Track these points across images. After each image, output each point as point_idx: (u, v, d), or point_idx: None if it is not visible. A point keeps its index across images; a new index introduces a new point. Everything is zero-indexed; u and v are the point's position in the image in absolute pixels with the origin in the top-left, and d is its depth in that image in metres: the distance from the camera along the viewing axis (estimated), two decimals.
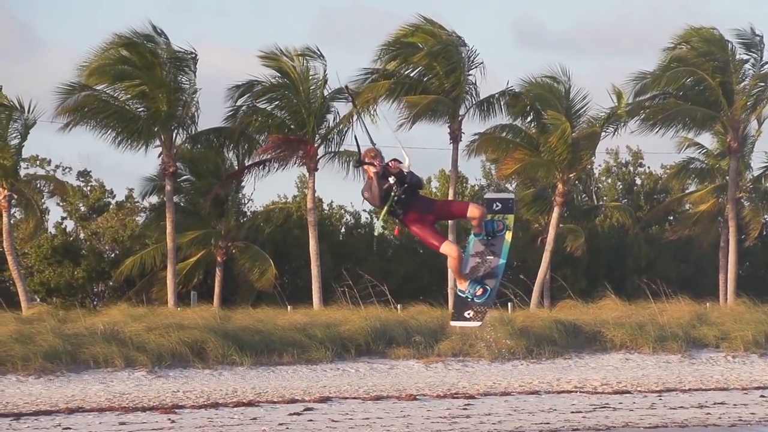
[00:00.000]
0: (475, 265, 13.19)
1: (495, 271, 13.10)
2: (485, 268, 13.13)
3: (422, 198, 12.95)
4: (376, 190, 12.70)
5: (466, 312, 13.12)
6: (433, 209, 12.91)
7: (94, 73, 41.55)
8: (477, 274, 13.15)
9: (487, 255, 13.14)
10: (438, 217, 12.98)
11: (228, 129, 44.60)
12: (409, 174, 12.75)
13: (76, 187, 51.58)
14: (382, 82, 44.22)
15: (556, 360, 33.88)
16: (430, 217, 12.90)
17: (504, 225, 13.07)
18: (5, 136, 41.25)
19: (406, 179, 12.72)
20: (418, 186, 12.85)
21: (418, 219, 12.88)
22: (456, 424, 24.09)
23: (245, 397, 27.04)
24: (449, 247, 12.83)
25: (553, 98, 45.99)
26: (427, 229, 12.89)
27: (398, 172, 12.63)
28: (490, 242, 13.15)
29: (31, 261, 48.41)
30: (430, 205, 12.95)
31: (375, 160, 12.80)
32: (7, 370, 29.06)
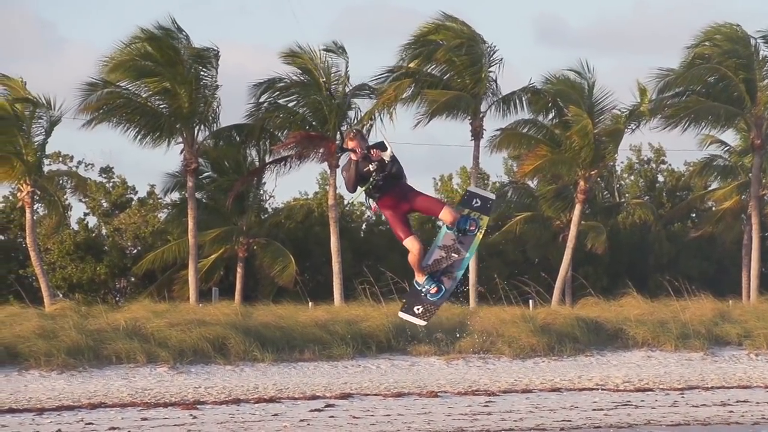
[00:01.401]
0: (439, 258, 13.11)
1: (455, 271, 13.00)
2: (447, 264, 13.05)
3: (402, 186, 12.87)
4: (352, 174, 12.72)
5: (416, 306, 13.07)
6: (409, 199, 12.89)
7: (116, 68, 41.67)
8: (437, 268, 13.08)
9: (453, 252, 13.06)
10: (412, 209, 12.95)
11: (249, 126, 44.66)
12: (391, 163, 12.70)
13: (99, 184, 51.74)
14: (403, 80, 44.25)
15: (578, 357, 33.81)
16: (404, 206, 12.89)
17: (477, 225, 12.94)
18: (29, 132, 41.41)
19: (387, 168, 12.68)
20: (398, 176, 12.79)
21: (393, 206, 12.87)
22: (477, 421, 24.07)
23: (266, 394, 27.08)
24: (412, 243, 12.84)
25: (575, 94, 45.89)
26: (398, 217, 12.90)
27: (380, 160, 12.61)
28: (459, 239, 13.07)
29: (54, 257, 48.60)
30: (407, 194, 12.90)
31: (356, 144, 12.79)
32: (30, 366, 29.19)
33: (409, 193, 12.89)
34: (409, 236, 12.87)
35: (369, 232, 53.32)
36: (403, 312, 13.15)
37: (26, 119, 41.38)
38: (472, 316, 35.56)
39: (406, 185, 12.96)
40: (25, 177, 41.01)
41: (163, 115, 42.68)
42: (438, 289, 13.01)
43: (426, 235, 44.30)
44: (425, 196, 12.91)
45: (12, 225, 49.44)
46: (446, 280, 13.00)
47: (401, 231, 12.85)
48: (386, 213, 12.91)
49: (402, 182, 12.90)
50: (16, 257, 49.02)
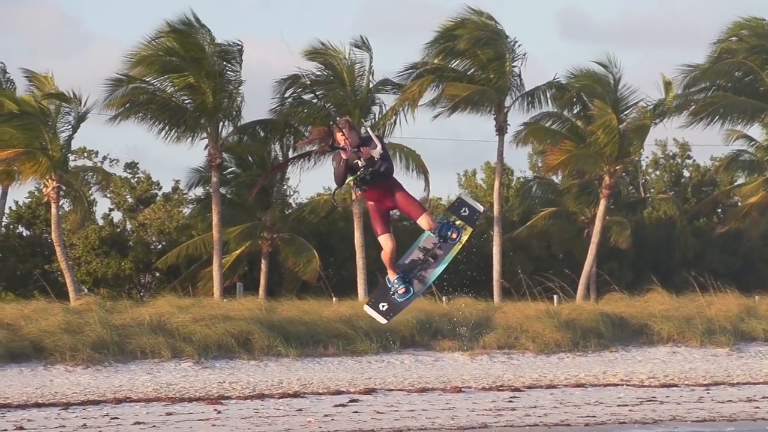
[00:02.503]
0: (416, 259, 13.06)
1: (427, 275, 12.92)
2: (422, 267, 12.98)
3: (390, 183, 12.77)
4: (340, 170, 12.66)
5: (382, 303, 13.01)
6: (393, 197, 12.82)
7: (141, 62, 41.77)
8: (411, 270, 13.01)
9: (430, 256, 12.98)
10: (395, 207, 12.87)
11: (274, 121, 44.71)
12: (380, 161, 12.61)
13: (123, 179, 51.90)
14: (427, 77, 44.27)
15: (603, 353, 33.71)
16: (388, 203, 12.83)
17: (459, 234, 12.85)
18: (54, 128, 41.57)
19: (376, 165, 12.61)
20: (387, 173, 12.70)
21: (377, 200, 12.82)
22: (501, 416, 24.03)
23: (291, 389, 27.11)
24: (385, 241, 12.81)
25: (600, 89, 45.74)
26: (379, 212, 12.84)
27: (369, 157, 12.53)
28: (440, 244, 12.99)
29: (79, 252, 48.78)
30: (393, 192, 12.80)
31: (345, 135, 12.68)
32: (55, 360, 29.31)
33: (395, 191, 12.80)
34: (384, 233, 12.82)
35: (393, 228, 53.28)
36: (368, 306, 13.11)
37: (52, 115, 41.54)
38: (496, 311, 35.50)
39: (394, 182, 12.87)
40: (51, 172, 41.16)
41: (187, 110, 42.76)
42: (406, 290, 12.96)
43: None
44: (409, 198, 12.78)
45: (37, 220, 49.65)
46: (417, 283, 12.94)
47: (378, 226, 12.81)
48: (369, 205, 12.89)
49: (390, 179, 12.78)
50: (42, 252, 49.23)
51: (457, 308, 35.52)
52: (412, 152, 44.66)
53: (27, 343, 29.65)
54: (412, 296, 12.97)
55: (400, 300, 12.92)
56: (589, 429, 22.86)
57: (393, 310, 12.93)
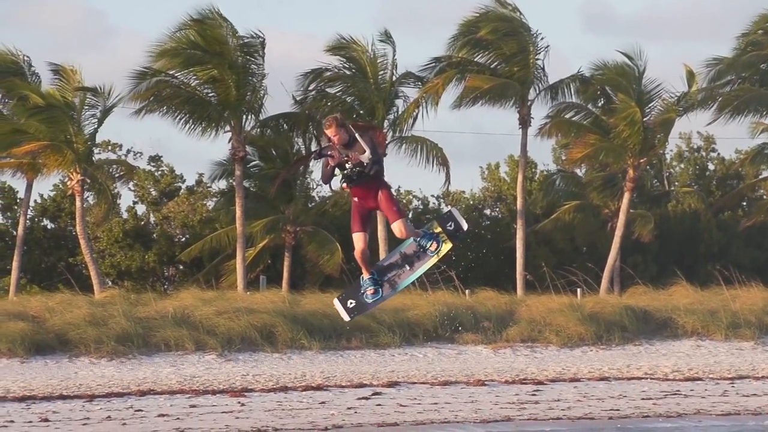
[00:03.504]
0: (394, 263, 13.03)
1: (399, 282, 12.90)
2: (396, 273, 12.94)
3: (378, 183, 12.65)
4: (327, 172, 12.60)
5: (350, 300, 13.00)
6: (376, 199, 12.69)
7: (165, 55, 41.87)
8: (386, 273, 12.98)
9: (407, 263, 12.94)
10: (378, 207, 12.75)
11: (297, 114, 44.75)
12: (370, 165, 12.51)
13: (147, 172, 52.05)
14: (449, 71, 44.26)
15: (626, 346, 33.62)
16: (371, 203, 12.72)
17: (437, 247, 12.80)
18: (79, 120, 41.72)
19: (366, 169, 12.53)
20: (376, 176, 12.60)
21: (361, 197, 12.72)
22: (525, 409, 24.00)
23: (314, 381, 27.15)
24: (356, 240, 12.78)
25: (624, 81, 45.58)
26: (360, 210, 12.76)
27: (358, 162, 12.44)
28: (417, 253, 12.94)
29: (103, 245, 48.97)
30: (376, 194, 12.68)
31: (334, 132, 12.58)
32: (80, 353, 29.44)
33: (380, 193, 12.68)
34: (358, 232, 12.76)
35: (416, 221, 53.29)
36: (337, 300, 13.12)
37: (77, 108, 41.69)
38: (519, 304, 35.45)
39: (382, 183, 12.74)
40: (75, 165, 41.33)
41: (211, 103, 42.85)
42: (375, 291, 12.94)
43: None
44: (390, 201, 12.66)
45: (62, 213, 49.86)
46: (387, 287, 12.92)
47: (355, 224, 12.75)
48: (353, 201, 12.81)
49: (379, 180, 12.69)
50: (66, 245, 49.44)
51: (481, 301, 35.48)
52: (434, 145, 44.64)
53: (52, 336, 29.79)
54: (379, 299, 12.97)
55: (368, 301, 12.94)
56: (612, 422, 22.81)
57: (359, 309, 12.96)
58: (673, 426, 22.60)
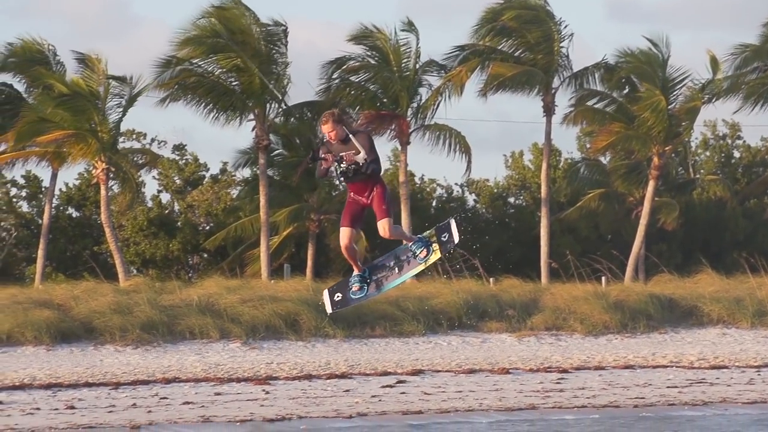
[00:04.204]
0: (386, 263, 12.99)
1: (385, 283, 12.87)
2: (384, 274, 12.89)
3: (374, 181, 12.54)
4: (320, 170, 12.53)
5: (337, 294, 12.98)
6: (369, 198, 12.59)
7: (188, 43, 41.93)
8: (375, 272, 12.93)
9: (397, 266, 12.88)
10: (370, 206, 12.65)
11: (321, 103, 44.74)
12: (367, 164, 12.40)
13: (171, 161, 52.17)
14: (473, 60, 44.18)
15: (651, 334, 33.51)
16: (364, 200, 12.60)
17: (426, 255, 12.71)
18: (104, 109, 41.83)
19: (362, 169, 12.45)
20: (372, 174, 12.48)
21: (356, 192, 12.59)
22: (549, 398, 23.95)
23: (338, 370, 27.17)
24: (342, 234, 12.68)
25: (649, 69, 45.36)
26: (352, 205, 12.65)
27: (353, 162, 12.37)
28: (408, 258, 12.88)
29: (128, 233, 49.14)
30: (371, 192, 12.56)
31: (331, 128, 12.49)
32: (105, 341, 29.55)
33: (374, 192, 12.59)
34: (346, 227, 12.64)
35: (440, 209, 53.23)
36: (327, 291, 13.12)
37: (101, 97, 41.79)
38: (543, 292, 35.38)
39: (378, 180, 12.61)
40: (100, 154, 41.45)
41: (234, 92, 42.89)
42: (360, 289, 12.89)
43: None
44: (381, 199, 12.54)
45: (87, 202, 50.04)
46: (373, 286, 12.88)
47: (345, 218, 12.65)
48: (348, 195, 12.70)
49: (375, 178, 12.57)
50: (91, 234, 49.62)
51: (505, 289, 35.43)
52: (457, 133, 44.57)
53: (77, 324, 29.91)
54: (362, 297, 12.91)
55: (353, 297, 12.91)
56: (638, 410, 22.75)
57: (342, 304, 12.95)
58: (699, 414, 22.52)
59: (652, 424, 21.45)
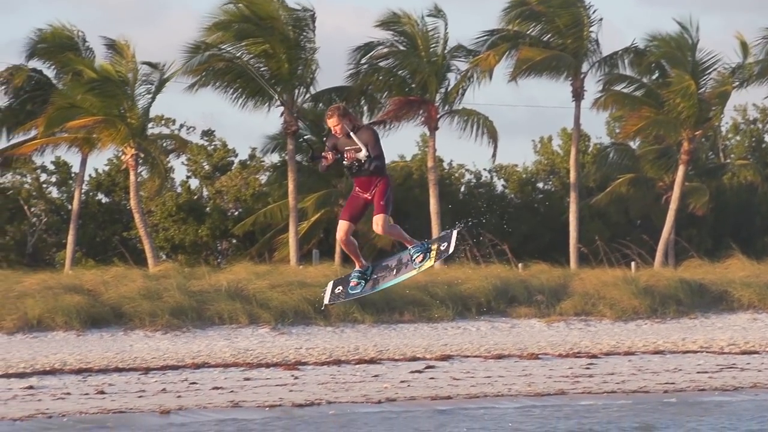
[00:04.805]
0: (389, 264, 12.99)
1: (381, 283, 12.90)
2: (383, 275, 12.84)
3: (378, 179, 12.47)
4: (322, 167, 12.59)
5: (339, 286, 13.00)
6: (371, 194, 12.51)
7: (217, 28, 41.97)
8: (378, 271, 12.91)
9: (396, 268, 12.83)
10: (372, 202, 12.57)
11: (349, 88, 44.71)
12: (369, 161, 12.34)
13: (200, 146, 52.27)
14: (502, 45, 44.05)
15: (681, 320, 33.36)
16: (367, 196, 12.55)
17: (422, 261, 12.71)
18: (133, 95, 41.92)
19: (364, 166, 12.38)
20: (376, 171, 12.41)
21: (360, 186, 12.52)
22: (579, 383, 23.89)
23: (367, 355, 27.18)
24: (340, 228, 12.64)
25: (679, 53, 45.08)
26: (355, 199, 12.59)
27: (355, 160, 12.32)
28: (407, 261, 12.81)
29: (157, 218, 49.31)
30: (373, 190, 12.49)
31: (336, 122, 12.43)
32: (135, 326, 29.65)
33: (376, 189, 12.52)
34: (344, 221, 12.61)
35: (469, 194, 53.15)
36: (331, 282, 13.17)
37: (130, 83, 41.89)
38: (573, 278, 35.27)
39: (382, 178, 12.52)
40: (129, 140, 41.58)
41: (263, 77, 42.91)
42: (357, 284, 12.92)
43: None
44: (382, 195, 12.46)
45: (116, 188, 50.23)
46: (370, 284, 12.90)
47: (345, 211, 12.62)
48: (353, 189, 12.66)
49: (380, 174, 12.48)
50: (120, 219, 49.82)
51: (534, 275, 35.34)
52: (485, 119, 44.46)
53: (107, 309, 30.03)
54: (358, 293, 12.96)
55: (350, 291, 12.97)
56: (668, 396, 22.66)
57: (340, 297, 13.01)
58: (730, 399, 22.41)
59: (682, 409, 21.36)
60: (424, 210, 46.26)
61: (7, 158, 44.00)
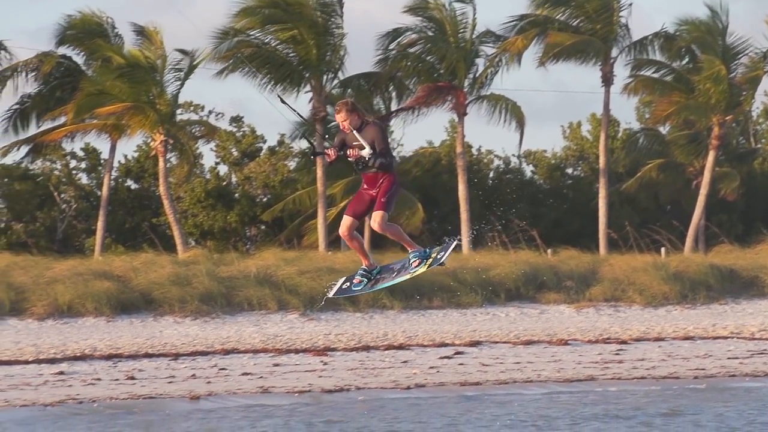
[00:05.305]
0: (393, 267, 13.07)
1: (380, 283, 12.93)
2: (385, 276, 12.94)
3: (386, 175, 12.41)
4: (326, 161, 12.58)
5: (347, 282, 13.12)
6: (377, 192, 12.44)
7: (245, 14, 41.97)
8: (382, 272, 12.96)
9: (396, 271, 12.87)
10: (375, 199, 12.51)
11: (377, 74, 44.65)
12: (373, 158, 12.27)
13: (229, 133, 52.33)
14: (531, 30, 43.89)
15: (712, 305, 33.19)
16: (372, 192, 12.47)
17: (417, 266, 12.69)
18: (161, 81, 41.99)
19: (368, 162, 12.30)
20: (382, 168, 12.34)
21: (366, 182, 12.46)
22: (608, 369, 23.82)
23: (396, 341, 27.19)
24: (342, 222, 12.61)
25: (709, 38, 44.77)
26: (361, 196, 12.51)
27: (358, 157, 12.27)
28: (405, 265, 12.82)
29: (185, 205, 49.43)
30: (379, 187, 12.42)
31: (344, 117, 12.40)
32: (164, 312, 29.76)
33: (382, 187, 12.44)
34: (347, 216, 12.56)
35: (497, 180, 53.02)
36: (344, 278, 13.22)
37: (159, 69, 41.95)
38: (602, 263, 35.14)
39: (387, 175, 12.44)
40: (159, 126, 41.66)
41: (291, 64, 42.91)
42: (360, 282, 12.91)
43: None
44: (385, 192, 12.36)
45: (145, 174, 50.37)
46: (371, 284, 12.97)
47: (350, 207, 12.58)
48: (361, 185, 12.61)
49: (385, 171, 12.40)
50: (150, 206, 49.97)
51: (563, 260, 35.24)
52: (512, 104, 44.30)
53: (137, 295, 30.15)
54: (359, 291, 13.00)
55: (353, 288, 13.01)
56: (698, 382, 22.55)
57: (345, 292, 13.08)
58: (761, 385, 22.29)
59: (710, 395, 21.25)
60: (452, 196, 46.18)
61: (37, 145, 44.18)
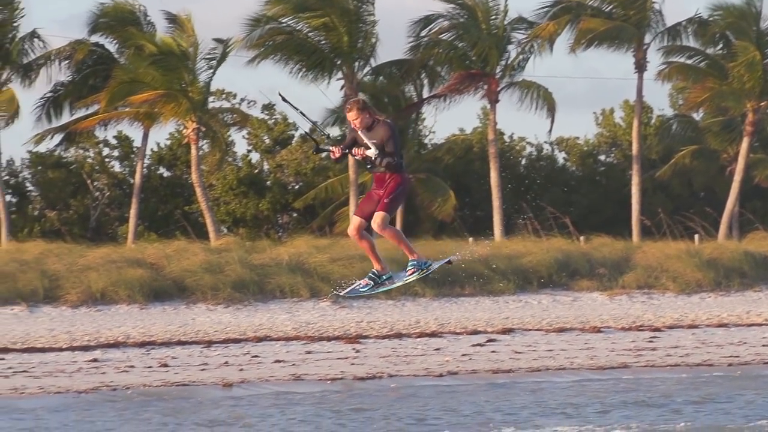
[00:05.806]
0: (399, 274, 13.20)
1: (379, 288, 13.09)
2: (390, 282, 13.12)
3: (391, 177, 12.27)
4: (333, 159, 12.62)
5: (358, 284, 13.23)
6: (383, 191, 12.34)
7: (277, 1, 41.96)
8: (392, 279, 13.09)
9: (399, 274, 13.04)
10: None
11: (409, 61, 44.57)
12: (380, 157, 12.18)
13: (261, 120, 52.38)
14: (563, 16, 43.68)
15: (746, 292, 32.99)
16: (380, 192, 12.36)
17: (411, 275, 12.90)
18: (194, 69, 42.05)
19: (375, 162, 12.22)
20: (389, 168, 12.20)
21: (376, 180, 12.39)
22: (642, 356, 23.73)
23: (428, 328, 27.18)
24: (351, 222, 12.56)
25: (743, 23, 44.41)
26: (368, 198, 12.45)
27: (364, 157, 12.21)
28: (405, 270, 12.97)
29: (218, 192, 49.55)
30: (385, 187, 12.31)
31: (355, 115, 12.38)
32: (197, 299, 29.86)
33: (387, 187, 12.31)
34: (356, 216, 12.51)
35: (529, 167, 52.85)
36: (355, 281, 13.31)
37: (191, 57, 42.02)
38: (635, 251, 34.98)
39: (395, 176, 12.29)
40: (191, 114, 41.75)
41: (323, 51, 42.90)
42: (367, 284, 13.08)
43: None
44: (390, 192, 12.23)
45: (178, 162, 50.52)
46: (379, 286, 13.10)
47: (359, 207, 12.52)
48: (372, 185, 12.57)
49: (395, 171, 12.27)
50: (182, 193, 50.12)
51: (596, 248, 35.09)
52: (544, 90, 44.13)
53: (170, 282, 30.27)
54: (364, 292, 13.12)
55: (360, 289, 13.09)
56: (732, 369, 22.43)
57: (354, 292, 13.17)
58: None
59: (743, 382, 21.12)
60: (485, 183, 46.07)
61: (70, 133, 44.37)
